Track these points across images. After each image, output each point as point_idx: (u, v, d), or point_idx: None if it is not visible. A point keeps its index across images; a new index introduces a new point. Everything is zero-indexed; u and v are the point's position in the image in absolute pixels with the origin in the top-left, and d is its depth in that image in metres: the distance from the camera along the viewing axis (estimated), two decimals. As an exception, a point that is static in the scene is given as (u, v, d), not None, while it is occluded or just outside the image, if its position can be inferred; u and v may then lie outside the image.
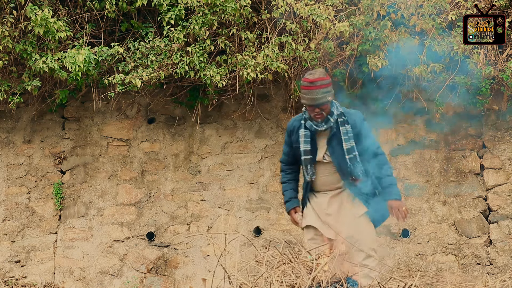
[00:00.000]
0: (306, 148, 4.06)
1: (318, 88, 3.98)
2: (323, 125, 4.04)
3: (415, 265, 5.91)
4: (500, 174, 5.97)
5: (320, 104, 3.97)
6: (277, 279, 3.59)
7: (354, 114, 4.14)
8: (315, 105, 3.98)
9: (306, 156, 4.06)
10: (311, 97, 3.96)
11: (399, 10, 5.54)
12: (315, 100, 3.96)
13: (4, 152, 6.51)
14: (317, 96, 3.96)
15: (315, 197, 4.18)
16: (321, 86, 3.98)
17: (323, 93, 3.97)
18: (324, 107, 3.99)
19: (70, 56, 5.56)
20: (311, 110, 4.00)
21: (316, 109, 3.99)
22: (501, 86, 5.72)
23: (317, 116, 4.02)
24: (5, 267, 6.32)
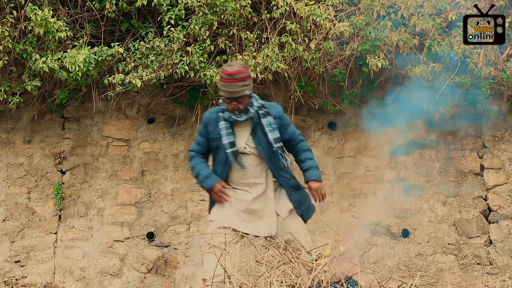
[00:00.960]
0: (231, 140, 4.02)
1: (236, 81, 3.99)
2: (242, 115, 4.04)
3: (415, 265, 5.91)
4: (500, 174, 5.97)
5: (238, 97, 3.98)
6: (277, 279, 3.59)
7: (275, 106, 4.17)
8: (233, 98, 3.99)
9: (232, 148, 4.02)
10: (229, 90, 3.97)
11: (399, 10, 5.54)
12: (232, 93, 3.97)
13: (4, 152, 6.51)
14: (235, 89, 3.97)
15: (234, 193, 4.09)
16: (239, 79, 3.98)
17: (241, 87, 3.97)
18: (241, 101, 4.00)
19: (70, 56, 5.56)
20: (228, 103, 4.00)
21: (234, 102, 3.99)
22: (501, 86, 5.72)
23: (234, 109, 4.02)
24: (5, 267, 6.32)
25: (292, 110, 6.11)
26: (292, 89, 5.96)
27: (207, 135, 4.10)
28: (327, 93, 6.13)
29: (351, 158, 6.21)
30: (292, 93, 5.99)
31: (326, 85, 6.06)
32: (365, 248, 5.98)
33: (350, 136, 6.26)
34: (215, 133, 4.06)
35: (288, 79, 5.95)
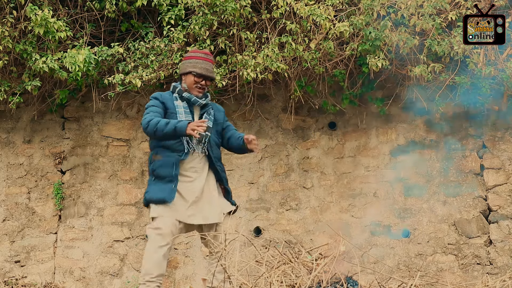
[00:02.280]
0: (188, 119, 3.99)
1: (211, 62, 4.13)
2: (203, 98, 4.08)
3: (415, 265, 5.91)
4: (500, 174, 5.97)
5: (211, 78, 4.09)
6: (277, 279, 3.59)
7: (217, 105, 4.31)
8: (207, 77, 4.05)
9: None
10: (205, 67, 4.04)
11: (399, 10, 5.54)
12: (208, 71, 4.06)
13: (4, 152, 6.51)
14: (209, 68, 4.07)
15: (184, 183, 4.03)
16: (212, 61, 4.14)
17: (213, 69, 4.12)
18: (209, 83, 4.10)
19: (70, 56, 5.56)
20: (198, 81, 4.03)
21: (204, 82, 4.05)
22: (501, 86, 5.72)
23: (200, 90, 4.05)
24: (5, 267, 6.32)
25: (292, 110, 6.12)
26: (292, 89, 5.96)
27: (164, 108, 4.03)
28: (327, 93, 6.13)
29: (351, 158, 6.22)
30: (292, 93, 5.99)
31: (326, 85, 6.06)
32: (365, 248, 5.98)
33: (350, 136, 6.26)
34: (172, 109, 4.03)
35: (288, 79, 5.95)
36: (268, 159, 6.29)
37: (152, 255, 3.89)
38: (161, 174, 3.98)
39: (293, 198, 6.20)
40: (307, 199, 6.18)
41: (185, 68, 4.08)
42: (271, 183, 6.25)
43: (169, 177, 3.97)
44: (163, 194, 3.95)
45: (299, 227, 6.14)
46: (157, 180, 4.00)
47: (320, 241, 6.02)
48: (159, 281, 3.90)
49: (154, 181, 4.03)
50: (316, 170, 6.22)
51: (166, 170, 3.98)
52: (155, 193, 3.98)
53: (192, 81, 4.05)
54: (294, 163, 6.26)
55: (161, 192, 3.96)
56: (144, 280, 3.89)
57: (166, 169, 3.98)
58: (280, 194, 6.23)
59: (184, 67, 4.09)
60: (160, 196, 3.95)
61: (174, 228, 3.95)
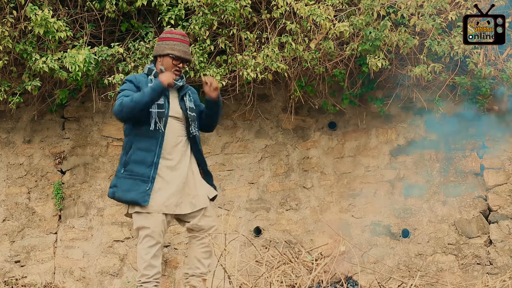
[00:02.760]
0: (160, 102, 3.90)
1: (188, 44, 4.07)
2: (180, 80, 4.04)
3: (415, 265, 5.91)
4: (500, 174, 5.97)
5: (188, 60, 4.03)
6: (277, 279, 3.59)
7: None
8: (184, 59, 4.00)
9: (159, 110, 3.88)
10: (182, 50, 3.99)
11: (399, 10, 5.54)
12: (186, 53, 4.01)
13: (4, 152, 6.51)
14: (187, 50, 4.03)
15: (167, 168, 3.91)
16: (189, 43, 4.09)
17: (189, 51, 4.06)
18: (185, 65, 4.07)
19: (70, 56, 5.56)
20: (176, 64, 3.98)
21: (181, 64, 4.01)
22: (501, 86, 5.72)
23: (177, 72, 4.00)
24: (5, 267, 6.32)
25: (292, 110, 6.12)
26: (292, 89, 5.96)
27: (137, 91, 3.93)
28: (327, 93, 6.13)
29: (351, 158, 6.22)
30: (292, 93, 5.99)
31: (326, 85, 6.06)
32: (365, 248, 5.98)
33: (350, 136, 6.26)
34: None
35: (288, 79, 5.95)
36: (268, 159, 6.29)
37: (143, 256, 3.83)
38: (135, 170, 3.86)
39: (293, 198, 6.20)
40: (307, 199, 6.18)
41: (162, 50, 4.00)
42: (271, 183, 6.25)
43: (144, 177, 3.85)
44: (136, 196, 3.82)
45: (299, 227, 6.14)
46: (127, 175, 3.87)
47: (320, 241, 6.02)
48: (156, 280, 3.88)
49: (123, 174, 3.88)
50: (316, 170, 6.22)
51: (142, 169, 3.86)
52: (125, 193, 3.84)
53: (170, 64, 3.99)
54: (294, 163, 6.26)
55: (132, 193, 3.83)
56: (141, 282, 3.87)
57: (142, 168, 3.86)
58: (280, 194, 6.23)
59: (161, 48, 4.00)
60: (131, 198, 3.82)
61: (162, 225, 3.87)
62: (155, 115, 3.87)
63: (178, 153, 3.96)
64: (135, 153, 3.88)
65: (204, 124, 4.17)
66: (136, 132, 3.91)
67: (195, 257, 3.98)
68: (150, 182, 3.83)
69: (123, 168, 3.91)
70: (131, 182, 3.85)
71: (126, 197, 3.84)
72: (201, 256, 3.97)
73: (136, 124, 3.91)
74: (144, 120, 3.88)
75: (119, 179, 3.90)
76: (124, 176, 3.88)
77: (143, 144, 3.89)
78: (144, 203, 3.80)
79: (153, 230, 3.84)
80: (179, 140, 3.98)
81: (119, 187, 3.88)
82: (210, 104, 4.06)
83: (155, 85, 3.81)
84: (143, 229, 3.85)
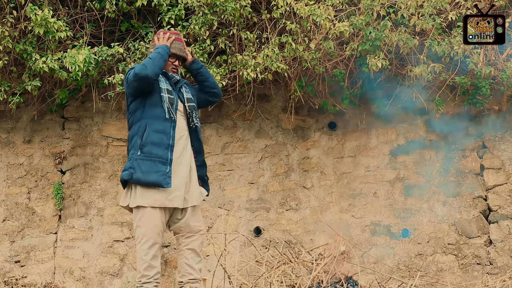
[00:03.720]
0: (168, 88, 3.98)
1: (183, 43, 4.19)
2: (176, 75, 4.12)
3: (415, 265, 5.91)
4: (500, 174, 5.97)
5: (184, 58, 4.15)
6: (277, 279, 3.59)
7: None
8: (180, 57, 4.12)
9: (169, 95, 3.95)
10: (180, 48, 4.11)
11: (399, 10, 5.54)
12: (182, 51, 4.13)
13: (4, 152, 6.51)
14: (183, 48, 4.14)
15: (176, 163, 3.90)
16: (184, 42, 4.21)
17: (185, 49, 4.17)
18: (181, 63, 4.17)
19: (70, 56, 5.56)
20: (172, 62, 4.09)
21: (177, 62, 4.13)
22: (501, 86, 5.72)
23: (174, 70, 4.11)
24: (5, 267, 6.32)
25: (292, 110, 6.11)
26: (292, 89, 5.96)
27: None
28: (327, 93, 6.13)
29: (351, 158, 6.22)
30: (292, 93, 5.99)
31: (326, 85, 6.06)
32: (365, 248, 5.98)
33: (350, 136, 6.26)
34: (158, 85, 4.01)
35: (288, 79, 5.95)
36: (268, 159, 6.29)
37: (143, 257, 3.83)
38: (153, 152, 3.81)
39: (293, 198, 6.20)
40: (307, 199, 6.18)
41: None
42: (271, 183, 6.25)
43: (162, 159, 3.82)
44: (157, 178, 3.76)
45: (299, 227, 6.14)
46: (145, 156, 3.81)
47: (320, 241, 6.02)
48: (156, 280, 3.88)
49: (140, 156, 3.81)
50: (316, 170, 6.22)
51: (160, 151, 3.83)
52: (145, 175, 3.76)
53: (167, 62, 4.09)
54: (294, 163, 6.26)
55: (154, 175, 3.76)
56: (141, 282, 3.87)
57: (160, 150, 3.83)
58: (280, 194, 6.23)
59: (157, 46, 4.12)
60: (152, 179, 3.76)
61: (161, 225, 3.86)
62: (166, 99, 3.91)
63: (180, 147, 3.97)
64: (151, 134, 3.84)
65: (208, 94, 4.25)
66: (150, 114, 3.89)
67: (185, 263, 3.96)
68: (169, 165, 3.82)
69: (139, 150, 3.81)
70: (150, 163, 3.79)
71: (146, 178, 3.77)
72: (191, 262, 3.96)
73: (149, 107, 3.90)
74: (157, 102, 3.89)
75: (135, 161, 3.80)
76: (141, 158, 3.80)
77: (159, 126, 3.87)
78: (166, 185, 3.76)
79: (152, 230, 3.84)
80: (181, 134, 4.00)
81: (136, 169, 3.78)
82: (194, 72, 4.19)
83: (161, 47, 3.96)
84: (142, 229, 3.85)
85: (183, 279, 3.97)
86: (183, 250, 3.97)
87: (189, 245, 3.96)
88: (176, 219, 3.97)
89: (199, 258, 3.98)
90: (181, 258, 4.00)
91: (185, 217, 3.96)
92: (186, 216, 3.96)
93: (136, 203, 3.84)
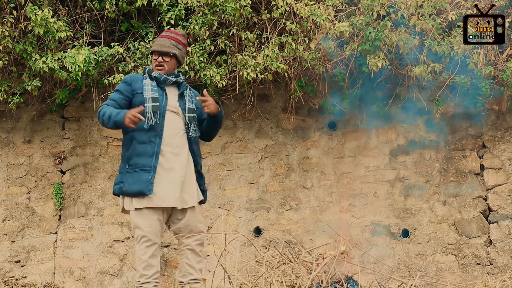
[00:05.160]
0: (154, 95, 3.94)
1: (169, 38, 4.09)
2: (171, 76, 4.06)
3: (415, 265, 5.91)
4: (500, 174, 5.97)
5: (164, 52, 4.03)
6: (277, 279, 3.59)
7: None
8: (160, 52, 4.03)
9: (154, 103, 3.92)
10: (158, 43, 4.05)
11: (399, 10, 5.54)
12: (162, 46, 4.04)
13: (4, 152, 6.51)
14: (164, 43, 4.05)
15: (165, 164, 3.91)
16: (173, 38, 4.09)
17: (171, 45, 4.06)
18: (166, 59, 4.04)
19: (70, 56, 5.56)
20: (155, 59, 4.04)
21: (160, 58, 4.03)
22: (501, 86, 5.72)
23: (158, 67, 4.04)
24: (5, 267, 6.33)
25: (292, 110, 6.11)
26: (292, 89, 5.96)
27: (132, 91, 3.99)
28: (327, 93, 6.13)
29: (351, 158, 6.22)
30: (292, 93, 5.99)
31: (326, 85, 6.06)
32: (365, 248, 5.98)
33: (350, 136, 6.26)
34: (140, 89, 3.99)
35: (288, 79, 5.95)
36: (268, 159, 6.29)
37: (141, 257, 3.84)
38: (138, 163, 3.89)
39: (293, 198, 6.20)
40: (307, 199, 6.18)
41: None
42: (271, 183, 6.25)
43: (146, 167, 3.88)
44: (140, 186, 3.85)
45: (299, 227, 6.14)
46: (132, 169, 3.91)
47: (320, 241, 6.02)
48: (155, 280, 3.88)
49: (128, 169, 3.93)
50: (316, 170, 6.22)
51: (143, 160, 3.89)
52: (131, 186, 3.87)
53: (153, 61, 4.07)
54: (294, 163, 6.26)
55: (137, 184, 3.85)
56: (140, 282, 3.87)
57: (144, 159, 3.89)
58: (280, 194, 6.23)
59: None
60: (137, 189, 3.85)
61: (159, 224, 3.87)
62: (149, 109, 3.90)
63: (178, 142, 3.98)
64: (136, 146, 3.92)
65: (203, 131, 4.19)
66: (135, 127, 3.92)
67: (186, 263, 3.98)
68: (152, 171, 3.86)
69: (126, 164, 3.95)
70: (135, 174, 3.89)
71: (132, 189, 3.87)
72: (192, 262, 3.97)
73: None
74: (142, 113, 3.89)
75: (124, 175, 3.94)
76: (128, 171, 3.93)
77: (143, 137, 3.92)
78: (148, 192, 3.82)
79: (149, 230, 3.84)
80: (177, 132, 3.99)
81: (125, 182, 3.92)
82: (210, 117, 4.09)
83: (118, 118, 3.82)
84: (139, 229, 3.86)
85: (184, 279, 3.99)
86: (184, 250, 3.99)
87: (189, 245, 3.97)
88: (176, 219, 3.98)
89: (200, 258, 3.99)
90: (182, 258, 4.01)
91: (185, 218, 3.96)
92: (186, 217, 3.96)
93: (132, 206, 3.90)
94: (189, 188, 3.99)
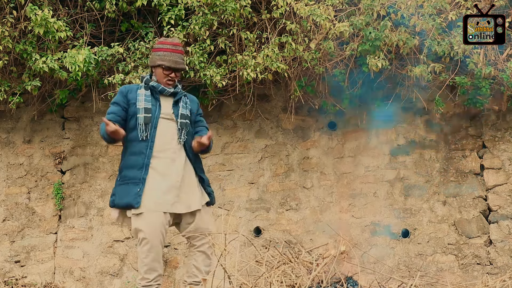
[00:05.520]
0: (147, 106, 3.95)
1: (180, 53, 4.09)
2: (171, 88, 4.06)
3: (415, 265, 5.91)
4: (500, 174, 5.97)
5: (181, 69, 4.06)
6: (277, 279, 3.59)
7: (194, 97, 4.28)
8: (176, 69, 4.03)
9: (146, 114, 3.94)
10: (173, 60, 4.02)
11: (399, 10, 5.54)
12: (177, 63, 4.03)
13: (4, 152, 6.51)
14: (178, 60, 4.05)
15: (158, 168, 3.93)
16: (182, 52, 4.11)
17: (182, 59, 4.07)
18: (178, 74, 4.08)
19: (70, 56, 5.56)
20: (167, 74, 4.02)
21: (173, 74, 4.04)
22: (501, 86, 5.72)
23: (169, 82, 4.05)
24: (5, 267, 6.32)
25: (292, 110, 6.11)
26: (292, 89, 5.96)
27: (127, 101, 4.00)
28: (327, 93, 6.13)
29: (351, 158, 6.22)
30: (292, 93, 5.99)
31: (326, 85, 6.06)
32: (365, 248, 5.98)
33: (350, 136, 6.26)
34: (134, 99, 4.00)
35: (288, 79, 5.95)
36: (268, 159, 6.29)
37: (143, 260, 3.85)
38: (128, 175, 3.93)
39: (293, 198, 6.20)
40: (307, 199, 6.18)
41: (154, 61, 4.06)
42: (271, 183, 6.25)
43: (135, 179, 3.91)
44: (129, 199, 3.88)
45: (299, 227, 6.14)
46: (123, 182, 3.95)
47: (320, 241, 6.02)
48: (157, 283, 3.89)
49: (120, 182, 3.98)
50: (316, 170, 6.22)
51: (133, 172, 3.92)
52: (121, 199, 3.91)
53: (161, 74, 4.04)
54: (294, 163, 6.26)
55: (126, 197, 3.89)
56: (141, 285, 3.88)
57: (133, 171, 3.92)
58: (280, 194, 6.23)
59: (154, 60, 4.07)
60: (125, 202, 3.89)
61: (160, 226, 3.86)
62: (141, 120, 3.93)
63: (174, 148, 3.98)
64: (127, 158, 3.97)
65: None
66: (129, 137, 3.98)
67: (194, 265, 4.01)
68: (141, 183, 3.89)
69: (119, 176, 4.01)
70: (125, 187, 3.93)
71: (121, 202, 3.91)
72: (199, 264, 3.98)
73: (128, 130, 3.98)
74: (134, 127, 3.95)
75: (116, 188, 4.00)
76: (120, 184, 3.98)
77: (135, 148, 3.95)
78: (136, 205, 3.85)
79: (150, 232, 3.84)
80: (172, 138, 4.00)
81: (116, 195, 3.97)
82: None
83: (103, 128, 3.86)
84: (140, 232, 3.86)
85: (188, 279, 4.03)
86: (194, 252, 4.02)
87: (200, 247, 4.00)
88: (186, 223, 4.01)
89: (210, 261, 4.00)
90: (190, 259, 4.04)
91: (195, 222, 3.99)
92: (195, 220, 3.99)
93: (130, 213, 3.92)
94: (190, 192, 4.00)
